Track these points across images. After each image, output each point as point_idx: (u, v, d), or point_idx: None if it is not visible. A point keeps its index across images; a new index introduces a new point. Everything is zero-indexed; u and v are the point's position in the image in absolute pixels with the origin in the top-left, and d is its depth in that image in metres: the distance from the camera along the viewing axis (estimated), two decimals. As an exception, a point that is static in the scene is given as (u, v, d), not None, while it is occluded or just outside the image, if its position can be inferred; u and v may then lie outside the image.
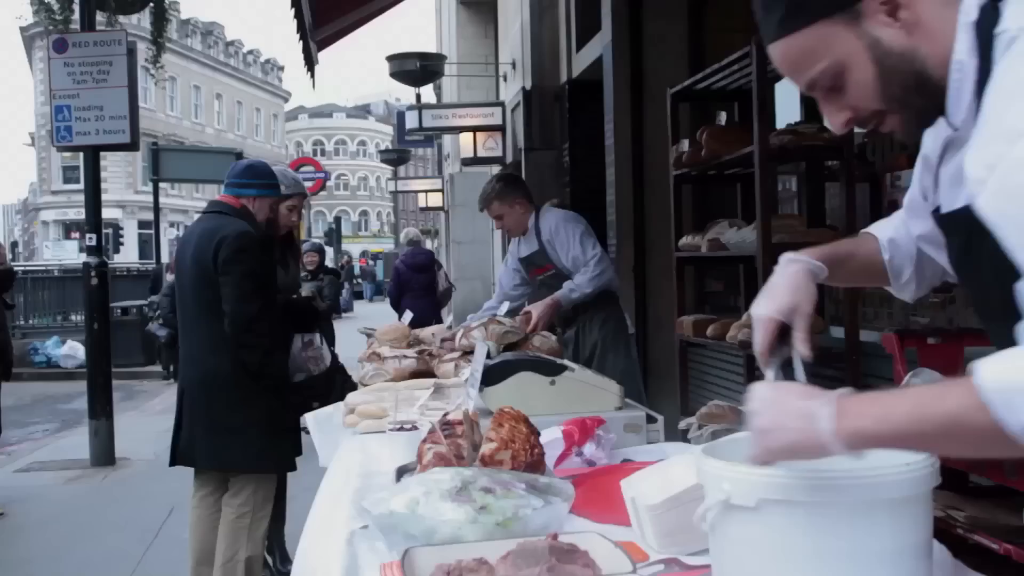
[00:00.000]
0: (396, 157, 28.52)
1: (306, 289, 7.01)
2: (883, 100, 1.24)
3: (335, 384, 4.27)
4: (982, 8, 1.17)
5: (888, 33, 1.20)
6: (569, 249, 4.72)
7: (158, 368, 13.78)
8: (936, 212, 1.37)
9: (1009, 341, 1.20)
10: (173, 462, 3.89)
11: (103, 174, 9.02)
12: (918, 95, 1.22)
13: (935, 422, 1.08)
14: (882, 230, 1.65)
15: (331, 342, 5.89)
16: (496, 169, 14.04)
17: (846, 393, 1.15)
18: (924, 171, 1.46)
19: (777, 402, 1.19)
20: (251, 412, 3.69)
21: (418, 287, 10.21)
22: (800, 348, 1.37)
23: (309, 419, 3.48)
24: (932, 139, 1.40)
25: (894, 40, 1.20)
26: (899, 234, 1.61)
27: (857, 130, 1.53)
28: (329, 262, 12.99)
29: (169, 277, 7.79)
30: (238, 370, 3.65)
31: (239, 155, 14.20)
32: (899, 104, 1.24)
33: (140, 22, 20.77)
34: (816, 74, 1.24)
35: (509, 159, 12.48)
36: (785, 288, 1.45)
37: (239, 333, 3.60)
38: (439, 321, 9.39)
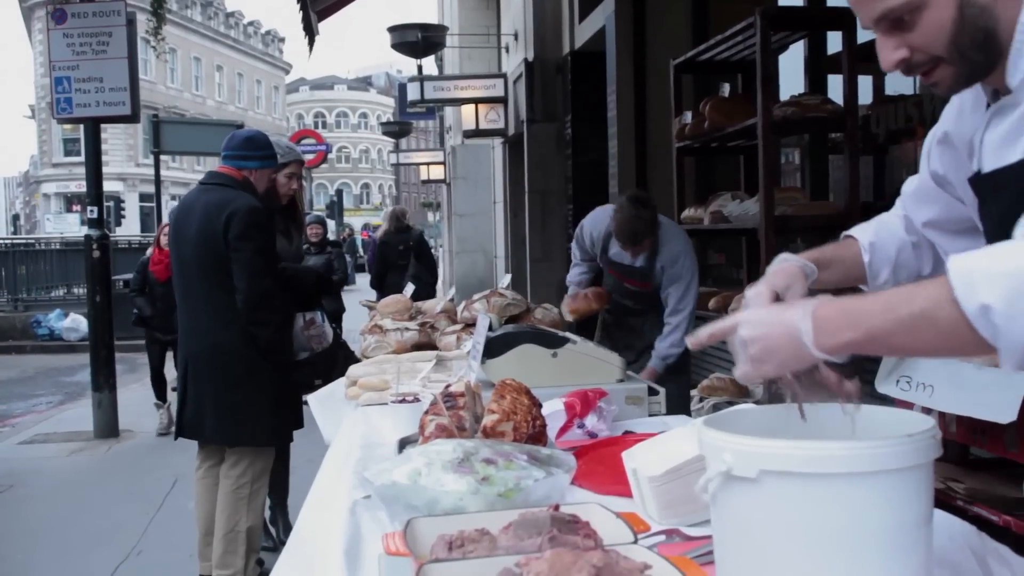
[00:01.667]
0: (398, 129, 28.41)
1: (315, 263, 7.00)
2: (948, 48, 1.23)
3: (337, 361, 4.29)
4: None
5: None
6: (675, 288, 4.24)
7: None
8: (976, 176, 1.36)
9: None
10: (179, 434, 3.90)
11: (104, 146, 8.99)
12: (980, 51, 1.22)
13: (905, 319, 1.12)
14: (863, 233, 1.66)
15: (340, 314, 5.91)
16: (498, 141, 14.00)
17: (823, 301, 1.20)
18: (943, 151, 1.46)
19: (764, 321, 1.25)
20: (257, 386, 3.71)
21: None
22: None
23: (311, 400, 3.48)
24: (955, 117, 1.41)
25: None
26: (880, 236, 1.63)
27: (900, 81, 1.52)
28: (331, 235, 12.94)
29: (151, 252, 7.66)
30: (246, 344, 3.65)
31: (240, 127, 14.12)
32: (960, 55, 1.24)
33: (139, -7, 20.62)
34: (896, 4, 1.23)
35: (511, 131, 12.43)
36: (779, 274, 1.50)
37: (252, 310, 3.60)
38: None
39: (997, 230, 1.35)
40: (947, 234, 1.50)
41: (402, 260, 10.09)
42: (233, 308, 3.63)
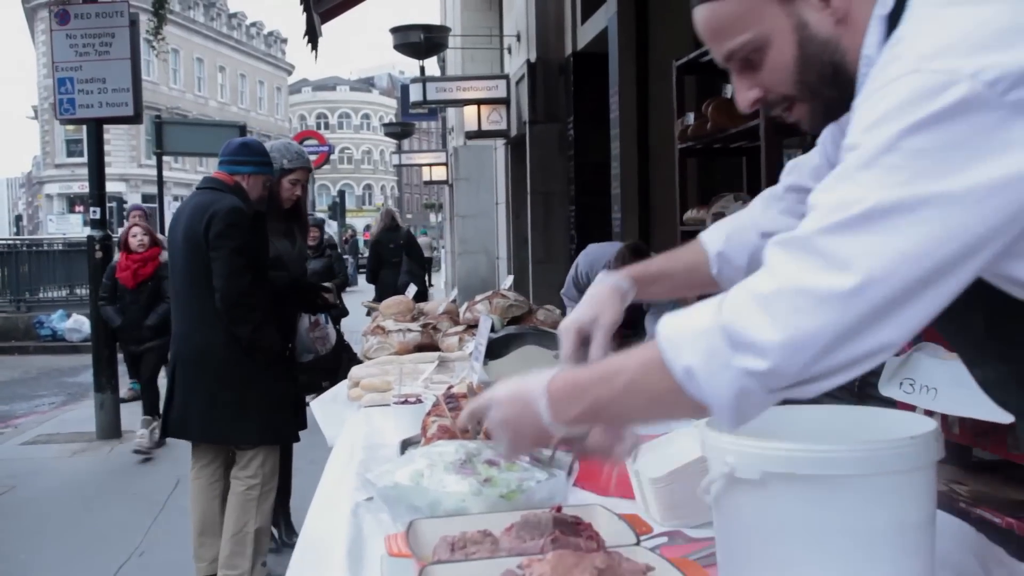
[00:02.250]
0: (400, 130, 28.41)
1: (314, 266, 7.00)
2: (797, 86, 1.19)
3: (342, 362, 4.30)
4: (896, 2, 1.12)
5: (817, 18, 1.15)
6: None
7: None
8: None
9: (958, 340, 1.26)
10: (165, 433, 3.92)
11: (106, 147, 9.00)
12: (832, 86, 1.17)
13: (620, 388, 1.13)
14: (713, 242, 1.62)
15: (342, 315, 5.91)
16: (500, 142, 14.01)
17: (557, 374, 1.23)
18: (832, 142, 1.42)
19: (509, 400, 1.30)
20: (245, 386, 3.72)
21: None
22: (595, 355, 1.50)
23: (314, 405, 3.49)
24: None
25: (821, 26, 1.15)
26: (731, 245, 1.58)
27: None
28: (333, 236, 13.05)
29: (118, 257, 7.41)
30: (231, 344, 3.68)
31: (242, 128, 14.16)
32: (811, 93, 1.19)
33: (142, -6, 20.64)
34: (737, 45, 1.18)
35: (513, 132, 12.44)
36: (588, 302, 1.56)
37: (230, 308, 3.64)
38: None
39: None
40: None
41: (394, 257, 10.56)
42: (217, 309, 3.67)
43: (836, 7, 1.14)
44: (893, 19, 1.10)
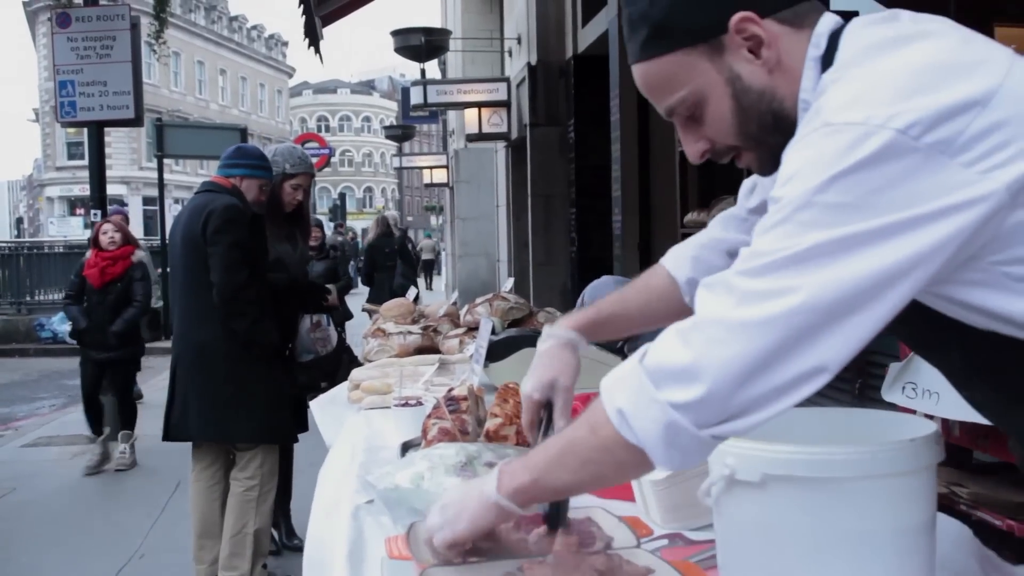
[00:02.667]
0: (401, 133, 28.42)
1: (318, 269, 6.99)
2: (739, 137, 1.19)
3: (342, 363, 4.30)
4: (830, 39, 1.12)
5: (748, 70, 1.15)
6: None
7: (164, 344, 13.80)
8: None
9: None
10: (166, 437, 3.93)
11: (107, 150, 9.03)
12: (775, 133, 1.16)
13: (558, 449, 1.15)
14: (680, 269, 1.61)
15: (346, 318, 5.90)
16: (501, 145, 14.02)
17: (513, 457, 1.25)
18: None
19: (454, 497, 1.29)
20: (243, 383, 3.73)
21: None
22: (558, 422, 1.47)
23: (313, 405, 3.49)
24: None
25: (754, 77, 1.15)
26: (699, 270, 1.56)
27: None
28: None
29: (89, 254, 6.86)
30: (229, 342, 3.70)
31: (243, 131, 14.17)
32: (754, 142, 1.19)
33: (143, -3, 20.63)
34: (674, 102, 1.20)
35: (514, 135, 12.44)
36: (543, 365, 1.53)
37: (226, 302, 3.66)
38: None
39: None
40: None
41: (389, 261, 11.08)
42: (214, 307, 3.69)
43: (767, 58, 1.13)
44: (826, 61, 1.11)
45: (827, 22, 1.14)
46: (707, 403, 1.00)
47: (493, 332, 2.84)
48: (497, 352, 2.74)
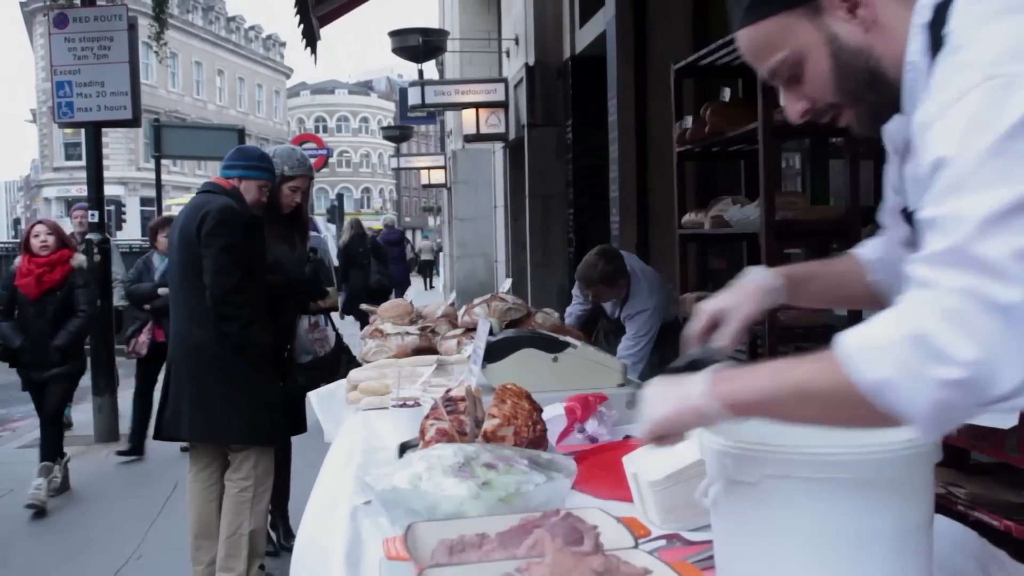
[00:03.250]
0: (398, 134, 28.40)
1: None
2: (838, 93, 1.27)
3: (341, 364, 4.30)
4: (936, 8, 1.18)
5: (846, 29, 1.23)
6: (630, 339, 4.77)
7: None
8: (904, 211, 1.38)
9: None
10: (157, 435, 3.94)
11: (105, 151, 9.00)
12: (872, 91, 1.25)
13: (789, 386, 1.13)
14: (869, 251, 1.66)
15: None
16: (499, 145, 14.02)
17: (722, 367, 1.23)
18: (891, 173, 1.48)
19: (662, 387, 1.28)
20: (236, 385, 3.75)
21: (393, 256, 14.30)
22: (719, 340, 1.53)
23: (312, 397, 3.50)
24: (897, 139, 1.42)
25: (851, 36, 1.23)
26: (888, 252, 1.60)
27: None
28: (332, 239, 13.53)
29: (20, 261, 6.01)
30: (221, 343, 3.71)
31: (241, 131, 14.15)
32: (853, 98, 1.27)
33: (141, -3, 20.57)
34: (776, 63, 1.28)
35: (512, 135, 12.44)
36: (733, 292, 1.58)
37: (217, 304, 3.68)
38: (408, 282, 15.01)
39: None
40: None
41: (363, 260, 12.06)
42: (208, 307, 3.70)
43: (863, 17, 1.22)
44: (935, 28, 1.17)
45: (925, 5, 1.20)
46: (981, 380, 1.00)
47: (491, 333, 2.83)
48: (495, 353, 2.73)
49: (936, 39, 1.16)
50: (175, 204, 20.96)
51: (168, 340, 4.05)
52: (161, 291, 6.53)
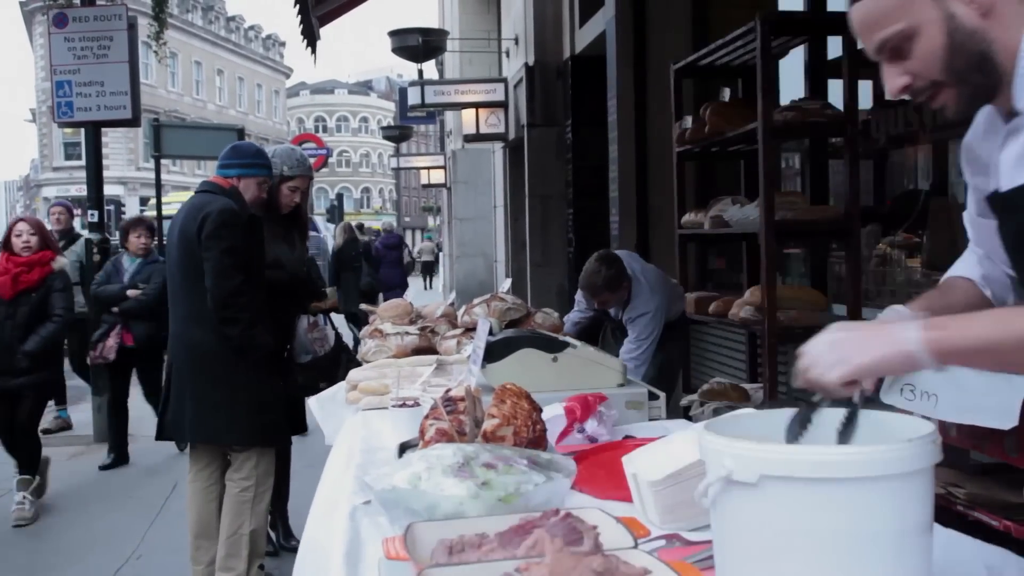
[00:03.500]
0: (398, 134, 28.38)
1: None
2: (945, 72, 1.33)
3: (341, 363, 4.30)
4: None
5: (964, 11, 1.30)
6: (633, 342, 4.78)
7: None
8: (994, 194, 1.43)
9: None
10: (160, 436, 3.93)
11: (104, 150, 9.00)
12: (979, 73, 1.32)
13: (1015, 334, 1.18)
14: (970, 271, 1.66)
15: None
16: (498, 145, 14.02)
17: (931, 318, 1.26)
18: (968, 160, 1.54)
19: (851, 335, 1.29)
20: (237, 386, 3.74)
21: (391, 260, 14.62)
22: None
23: (312, 403, 3.49)
24: (976, 133, 1.50)
25: (968, 18, 1.30)
26: (988, 268, 1.63)
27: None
28: (331, 239, 13.60)
29: None
30: (222, 344, 3.71)
31: (240, 131, 14.15)
32: (958, 79, 1.33)
33: (140, -3, 20.55)
34: (890, 34, 1.33)
35: (511, 135, 12.44)
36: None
37: (219, 308, 3.67)
38: (405, 285, 15.30)
39: (1015, 250, 1.45)
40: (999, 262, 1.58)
41: (355, 263, 12.07)
42: (208, 309, 3.69)
43: (981, 2, 1.30)
44: None
45: None
46: None
47: (490, 333, 2.83)
48: (495, 353, 2.73)
49: None
50: (175, 202, 20.76)
51: (136, 344, 4.00)
52: (130, 293, 6.40)
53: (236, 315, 3.68)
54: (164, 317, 5.38)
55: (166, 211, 12.16)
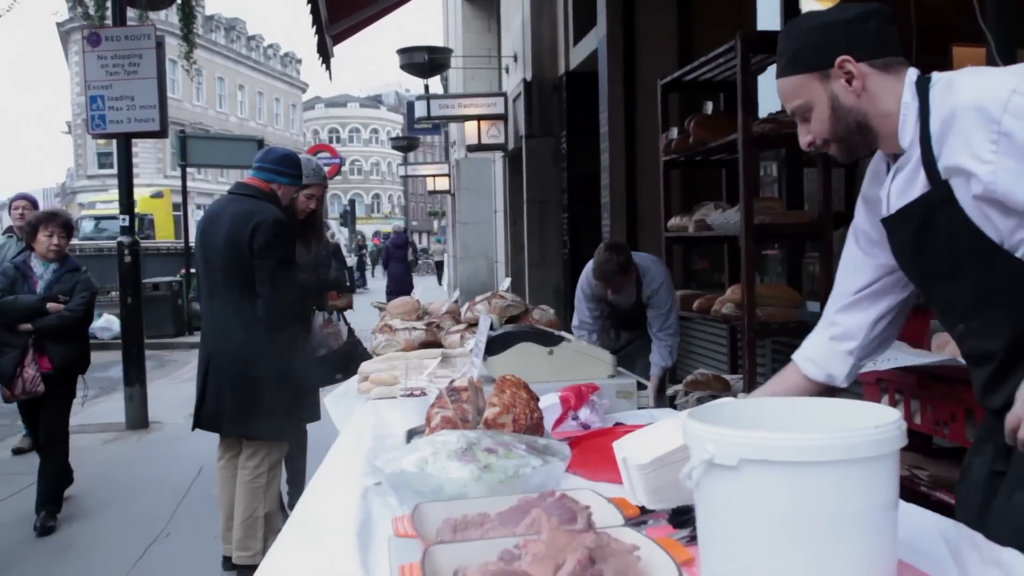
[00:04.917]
0: (406, 144, 28.33)
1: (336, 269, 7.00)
2: (831, 134, 1.65)
3: (355, 356, 4.30)
4: (919, 77, 1.59)
5: (844, 92, 1.61)
6: (658, 313, 4.81)
7: (187, 339, 13.83)
8: (886, 217, 1.67)
9: (971, 319, 1.56)
10: (196, 425, 3.90)
11: (135, 160, 9.00)
12: (857, 135, 1.64)
13: None
14: (806, 355, 1.90)
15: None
16: (499, 155, 14.01)
17: None
18: (863, 208, 1.78)
19: None
20: (275, 385, 3.71)
21: (399, 258, 16.81)
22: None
23: (328, 400, 3.48)
24: (868, 182, 1.77)
25: (846, 98, 1.61)
26: (821, 348, 1.89)
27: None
28: (343, 241, 13.56)
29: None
30: (267, 345, 3.67)
31: (260, 142, 14.15)
32: (840, 139, 1.66)
33: (168, 17, 20.56)
34: (795, 106, 1.67)
35: (511, 146, 12.43)
36: None
37: (274, 317, 3.64)
38: (410, 279, 16.95)
39: (906, 257, 1.67)
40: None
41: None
42: (254, 311, 3.65)
43: (856, 87, 1.60)
44: (921, 84, 1.57)
45: (912, 73, 1.60)
46: None
47: (491, 328, 2.84)
48: (495, 346, 2.74)
49: (923, 86, 1.56)
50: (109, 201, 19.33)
51: (54, 370, 3.85)
52: (51, 307, 4.85)
53: (287, 323, 3.68)
54: (86, 338, 5.10)
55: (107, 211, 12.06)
